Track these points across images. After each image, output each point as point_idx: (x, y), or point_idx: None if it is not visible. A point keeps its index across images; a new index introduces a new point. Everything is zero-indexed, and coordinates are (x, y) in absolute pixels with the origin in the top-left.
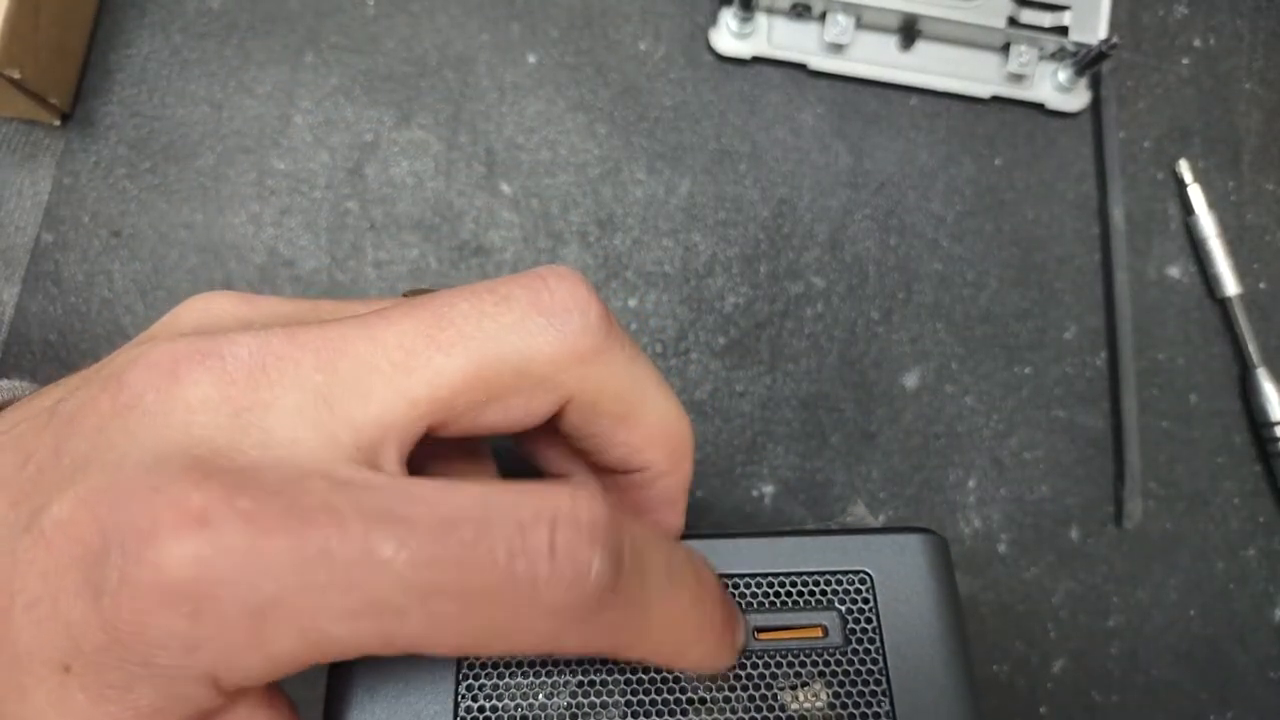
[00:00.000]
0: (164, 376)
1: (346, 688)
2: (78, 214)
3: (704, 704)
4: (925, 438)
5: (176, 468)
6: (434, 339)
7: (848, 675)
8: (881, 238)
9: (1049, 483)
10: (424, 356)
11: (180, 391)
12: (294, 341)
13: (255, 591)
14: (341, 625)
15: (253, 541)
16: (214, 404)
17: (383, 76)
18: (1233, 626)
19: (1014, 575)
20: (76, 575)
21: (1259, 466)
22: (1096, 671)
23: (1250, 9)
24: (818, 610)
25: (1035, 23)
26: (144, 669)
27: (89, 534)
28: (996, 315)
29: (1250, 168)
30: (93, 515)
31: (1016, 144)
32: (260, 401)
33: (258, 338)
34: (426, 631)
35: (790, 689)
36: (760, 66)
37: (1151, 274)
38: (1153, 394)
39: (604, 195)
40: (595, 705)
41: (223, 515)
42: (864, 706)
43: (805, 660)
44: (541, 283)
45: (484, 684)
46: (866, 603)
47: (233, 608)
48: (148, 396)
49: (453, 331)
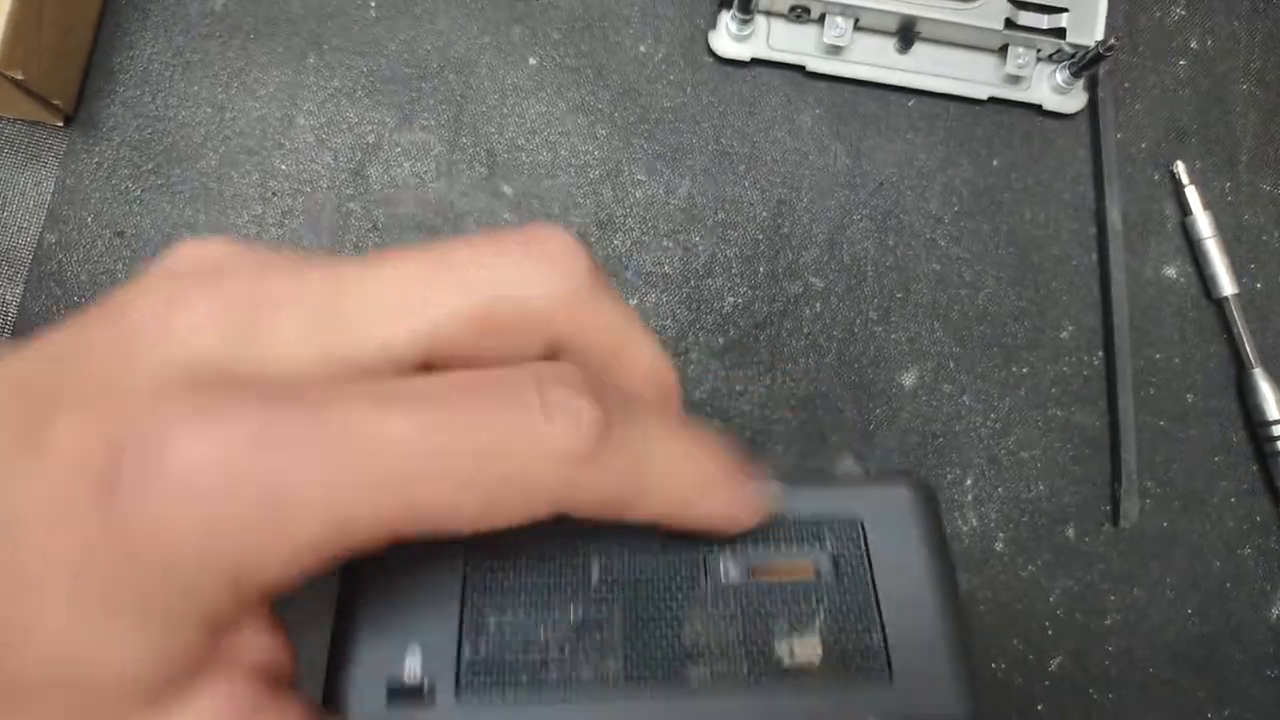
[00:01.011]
0: (163, 303)
1: (353, 607)
2: (81, 215)
3: (700, 653)
4: (923, 437)
5: (179, 382)
6: (434, 279)
7: (840, 612)
8: (879, 238)
9: (1046, 481)
10: (425, 294)
11: (180, 317)
12: (296, 274)
13: (273, 478)
14: (360, 503)
15: (266, 430)
16: (214, 328)
17: (385, 78)
18: (1229, 625)
19: (1011, 574)
20: (86, 489)
21: (1255, 466)
22: (1093, 669)
23: (1247, 10)
24: (809, 552)
25: (1033, 25)
26: (161, 575)
27: (96, 448)
28: (994, 315)
29: (1247, 168)
30: (99, 431)
31: (1014, 145)
32: (261, 326)
33: (260, 269)
34: (443, 496)
35: (785, 638)
36: (759, 68)
37: (1148, 274)
38: (1149, 393)
39: (604, 196)
40: (595, 643)
41: (233, 409)
42: (857, 641)
43: (799, 599)
44: (535, 235)
45: (486, 620)
46: (857, 545)
47: (252, 497)
48: (147, 323)
49: (453, 274)
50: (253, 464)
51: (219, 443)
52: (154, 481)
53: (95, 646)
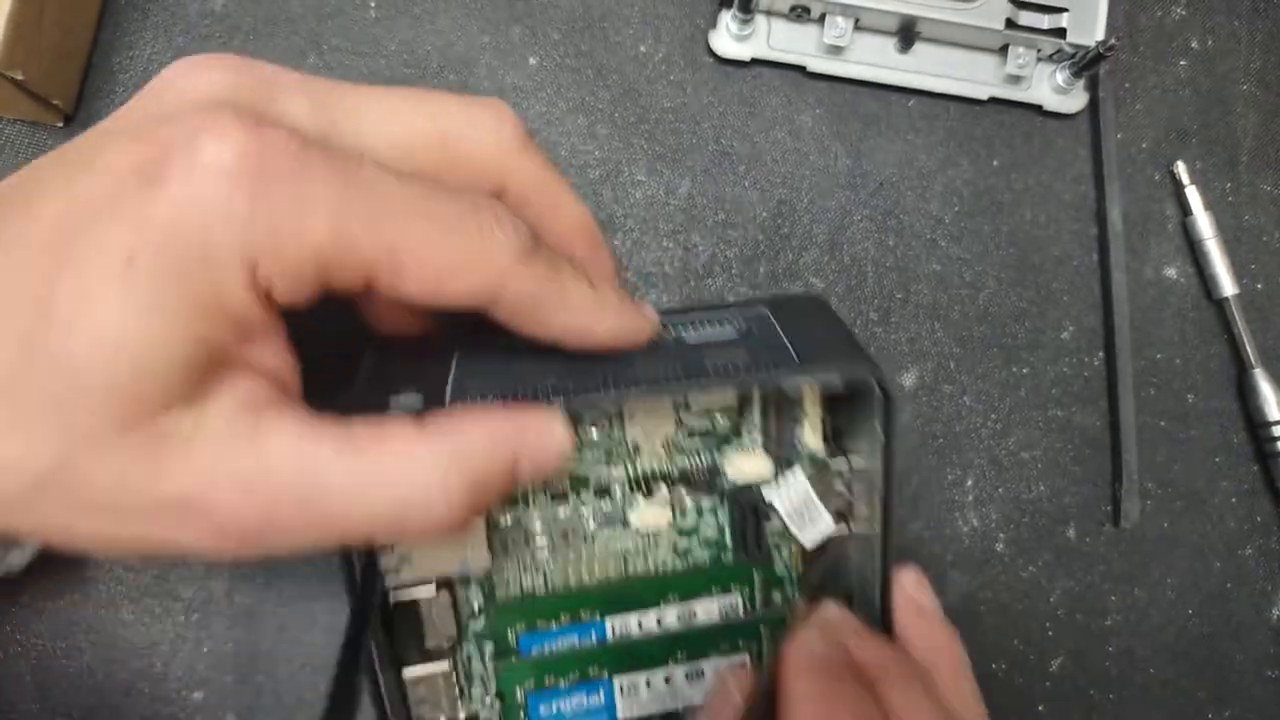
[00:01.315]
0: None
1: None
2: None
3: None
4: (923, 437)
5: (222, 107)
6: (411, 108)
7: (758, 349)
8: (880, 238)
9: (1046, 482)
10: (404, 117)
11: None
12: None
13: (297, 183)
14: (360, 228)
15: (294, 144)
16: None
17: (384, 79)
18: (1230, 625)
19: (1012, 574)
20: (135, 185)
21: (1256, 466)
22: (1094, 670)
23: (1248, 10)
24: (729, 324)
25: (1033, 24)
26: (200, 252)
27: (144, 151)
28: (994, 315)
29: (1247, 169)
30: (146, 143)
31: (1014, 145)
32: (277, 101)
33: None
34: (417, 248)
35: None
36: (759, 68)
37: (1149, 275)
38: (1150, 394)
39: (604, 196)
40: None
41: (269, 126)
42: (771, 357)
43: (724, 348)
44: (482, 98)
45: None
46: (764, 318)
47: (277, 193)
48: (185, 89)
49: (424, 106)
50: (282, 166)
51: (256, 142)
52: (194, 169)
53: (143, 330)
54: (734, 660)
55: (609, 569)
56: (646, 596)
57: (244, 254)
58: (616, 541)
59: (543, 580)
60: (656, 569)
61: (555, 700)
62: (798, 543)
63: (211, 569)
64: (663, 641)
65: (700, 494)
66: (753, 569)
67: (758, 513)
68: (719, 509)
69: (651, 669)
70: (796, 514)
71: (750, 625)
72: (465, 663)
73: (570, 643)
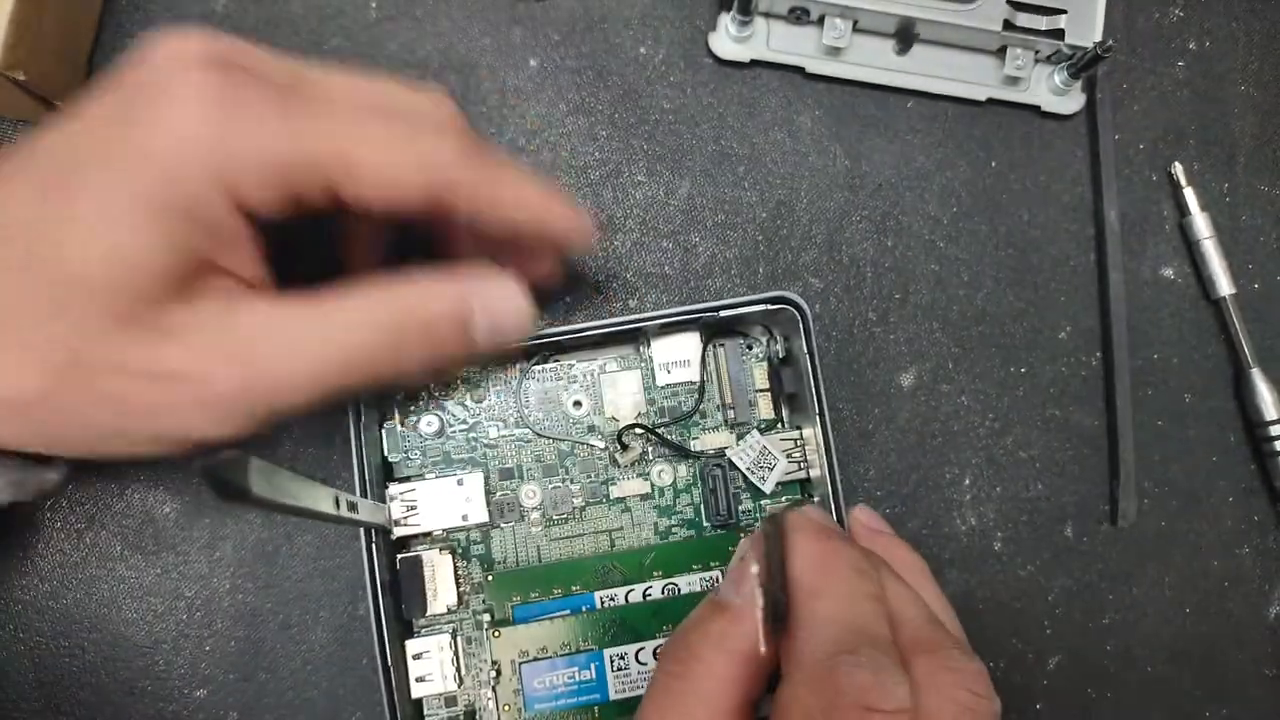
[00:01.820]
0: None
1: None
2: None
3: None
4: (921, 436)
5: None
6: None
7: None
8: (878, 239)
9: (1044, 481)
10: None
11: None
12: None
13: (257, 105)
14: (313, 138)
15: (254, 80)
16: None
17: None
18: (1227, 624)
19: (1009, 572)
20: (117, 118)
21: (1253, 465)
22: (1092, 668)
23: (1245, 12)
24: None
25: (1031, 26)
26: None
27: (123, 94)
28: (992, 316)
29: (1245, 169)
30: (125, 85)
31: (1012, 146)
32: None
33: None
34: (364, 148)
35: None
36: (759, 70)
37: (1146, 275)
38: (1147, 394)
39: (604, 198)
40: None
41: (231, 67)
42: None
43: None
44: (421, 88)
45: None
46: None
47: (243, 112)
48: (154, 43)
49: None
50: (242, 94)
51: (219, 76)
52: (163, 104)
53: (131, 240)
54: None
55: (598, 545)
56: (632, 571)
57: (214, 171)
58: (604, 520)
59: (536, 554)
60: (641, 546)
61: (548, 673)
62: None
63: (214, 567)
64: (649, 613)
65: (675, 463)
66: (728, 547)
67: (725, 478)
68: (693, 487)
69: (640, 641)
70: (756, 466)
71: None
72: (464, 630)
73: (562, 614)
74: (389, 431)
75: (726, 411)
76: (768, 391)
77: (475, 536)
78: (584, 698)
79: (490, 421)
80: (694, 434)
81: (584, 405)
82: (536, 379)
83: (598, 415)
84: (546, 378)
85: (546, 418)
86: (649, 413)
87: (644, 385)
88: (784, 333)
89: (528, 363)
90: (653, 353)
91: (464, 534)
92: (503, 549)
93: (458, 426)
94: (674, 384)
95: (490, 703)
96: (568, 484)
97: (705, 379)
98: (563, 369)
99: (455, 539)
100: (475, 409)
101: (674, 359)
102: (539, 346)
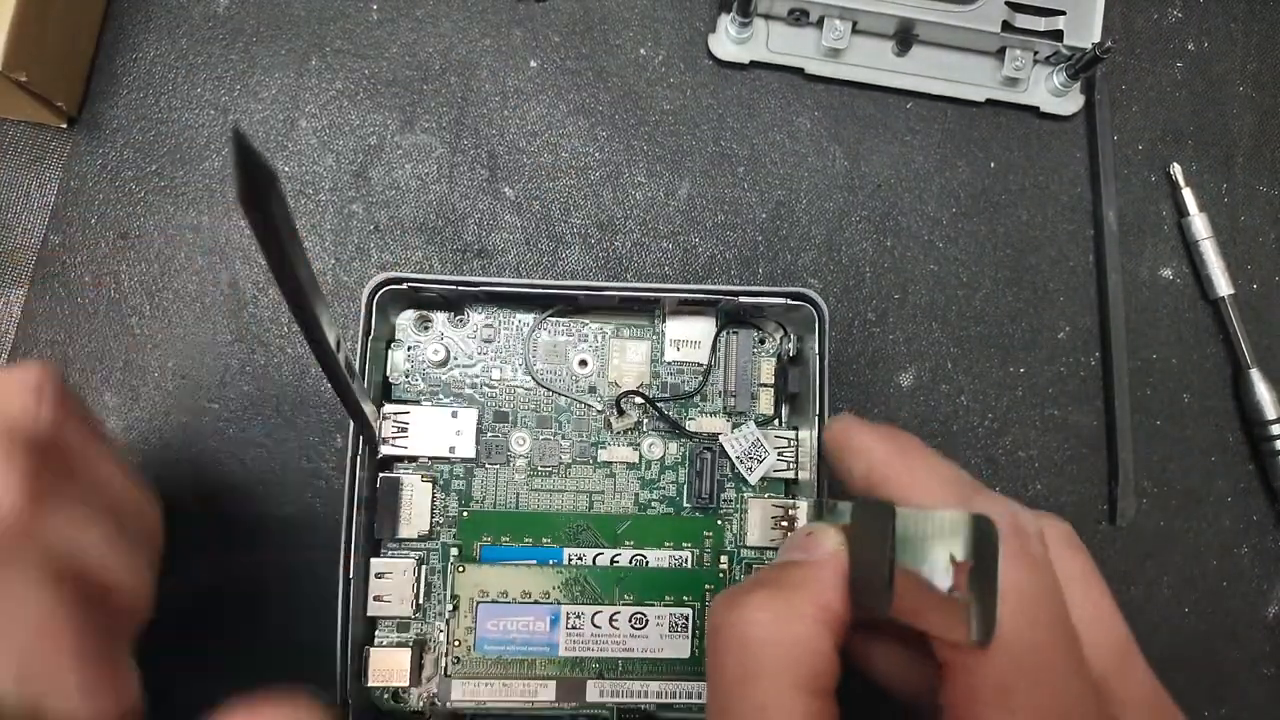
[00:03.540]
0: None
1: None
2: (85, 216)
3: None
4: (920, 436)
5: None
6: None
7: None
8: (877, 239)
9: (1043, 480)
10: None
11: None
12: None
13: None
14: None
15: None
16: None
17: (386, 81)
18: (1226, 624)
19: None
20: None
21: (1251, 465)
22: None
23: (1243, 13)
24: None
25: (1030, 27)
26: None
27: None
28: (991, 316)
29: (1243, 170)
30: None
31: (1011, 147)
32: None
33: None
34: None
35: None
36: (758, 71)
37: (1144, 275)
38: (1146, 393)
39: (604, 198)
40: None
41: None
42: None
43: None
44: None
45: None
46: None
47: None
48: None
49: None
50: None
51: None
52: None
53: None
54: (681, 610)
55: (576, 504)
56: (605, 536)
57: None
58: (587, 480)
59: (514, 500)
60: (619, 513)
61: (503, 616)
62: (750, 488)
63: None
64: (613, 579)
65: (667, 439)
66: (703, 531)
67: (714, 463)
68: (680, 466)
69: (598, 605)
70: (746, 456)
71: (695, 579)
72: (430, 560)
73: (528, 563)
74: (395, 349)
75: (728, 399)
76: (771, 387)
77: (459, 471)
78: (533, 648)
79: (496, 363)
80: (691, 414)
81: (589, 365)
82: (549, 331)
83: (601, 377)
84: (559, 331)
85: (550, 370)
86: (652, 385)
87: (652, 357)
88: (798, 333)
89: (543, 312)
90: (666, 328)
91: (448, 466)
92: (483, 489)
93: (463, 360)
94: (682, 361)
95: (442, 635)
96: (559, 438)
97: (713, 363)
98: (575, 325)
99: (439, 470)
100: (484, 348)
101: (686, 338)
102: (557, 298)
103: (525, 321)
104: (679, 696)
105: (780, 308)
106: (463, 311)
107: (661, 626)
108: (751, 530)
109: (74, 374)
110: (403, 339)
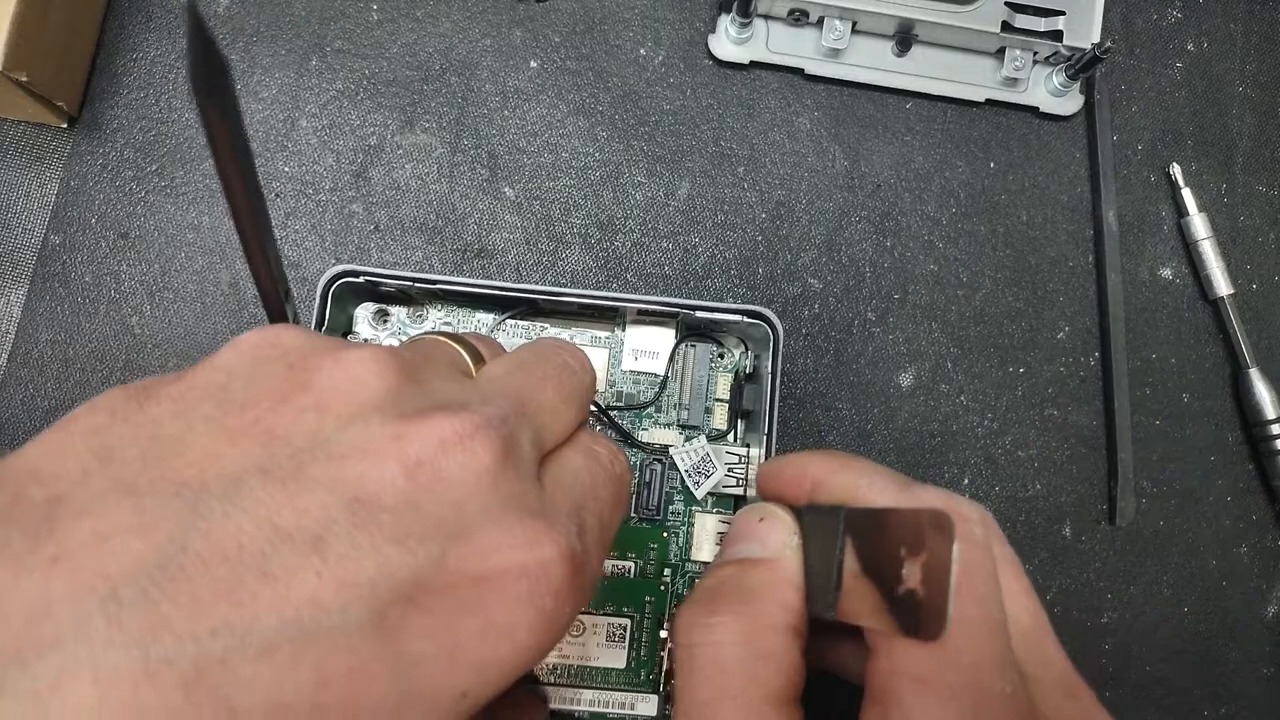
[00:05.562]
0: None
1: None
2: (85, 216)
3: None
4: (920, 436)
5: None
6: None
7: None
8: (877, 240)
9: (1042, 480)
10: None
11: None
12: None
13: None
14: None
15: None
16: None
17: (387, 81)
18: (1225, 623)
19: None
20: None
21: (1251, 465)
22: (1090, 667)
23: (1243, 13)
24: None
25: (1029, 27)
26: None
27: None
28: (990, 316)
29: (1243, 170)
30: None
31: (1010, 147)
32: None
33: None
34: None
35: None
36: (758, 71)
37: (1144, 275)
38: (1145, 393)
39: (605, 198)
40: None
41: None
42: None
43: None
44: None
45: None
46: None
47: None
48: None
49: None
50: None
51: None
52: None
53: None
54: (620, 621)
55: None
56: None
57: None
58: None
59: None
60: None
61: None
62: (696, 498)
63: None
64: None
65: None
66: (648, 543)
67: (663, 475)
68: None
69: None
70: (695, 470)
71: (635, 589)
72: None
73: None
74: (351, 340)
75: (681, 411)
76: (726, 402)
77: None
78: None
79: None
80: (644, 425)
81: None
82: (507, 332)
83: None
84: (517, 333)
85: None
86: (606, 394)
87: (609, 365)
88: (756, 350)
89: (503, 314)
90: (625, 337)
91: None
92: None
93: None
94: (638, 371)
95: None
96: None
97: (670, 375)
98: (534, 329)
99: None
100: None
101: (644, 348)
102: (516, 300)
103: (484, 321)
104: (611, 706)
105: (739, 324)
106: (422, 307)
107: (598, 635)
108: (699, 545)
109: (74, 374)
110: (360, 330)
